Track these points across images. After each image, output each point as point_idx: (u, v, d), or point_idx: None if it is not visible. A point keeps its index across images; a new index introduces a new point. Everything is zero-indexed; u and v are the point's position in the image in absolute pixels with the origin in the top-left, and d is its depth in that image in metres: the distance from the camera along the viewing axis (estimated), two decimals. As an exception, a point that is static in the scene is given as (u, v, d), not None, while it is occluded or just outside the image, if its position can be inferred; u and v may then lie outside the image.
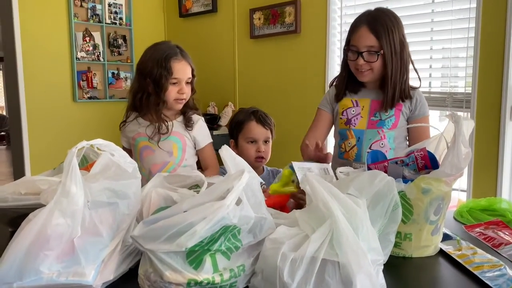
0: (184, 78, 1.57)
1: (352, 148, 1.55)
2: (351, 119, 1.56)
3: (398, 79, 1.45)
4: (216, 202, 0.77)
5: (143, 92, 1.56)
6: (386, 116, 1.51)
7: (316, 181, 0.91)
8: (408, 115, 1.51)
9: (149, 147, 1.62)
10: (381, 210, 0.92)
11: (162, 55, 1.53)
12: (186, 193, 1.07)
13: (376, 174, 0.95)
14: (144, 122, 1.62)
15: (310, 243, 0.81)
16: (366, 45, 1.44)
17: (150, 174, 1.61)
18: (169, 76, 1.52)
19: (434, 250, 1.04)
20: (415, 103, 1.50)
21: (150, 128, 1.60)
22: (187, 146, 1.64)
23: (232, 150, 1.59)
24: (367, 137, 1.51)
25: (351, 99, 1.58)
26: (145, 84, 1.54)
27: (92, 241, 0.87)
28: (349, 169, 1.11)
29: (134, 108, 1.63)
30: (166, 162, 1.61)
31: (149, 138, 1.59)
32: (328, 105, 1.65)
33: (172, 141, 1.61)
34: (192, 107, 1.66)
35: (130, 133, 1.65)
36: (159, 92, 1.53)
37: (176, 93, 1.55)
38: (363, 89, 1.57)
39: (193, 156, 1.69)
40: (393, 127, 1.51)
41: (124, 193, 0.94)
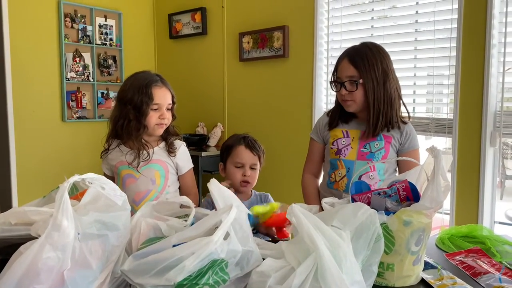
0: (164, 103, 1.59)
1: (342, 179, 1.58)
2: (341, 149, 1.59)
3: (381, 109, 1.50)
4: (204, 238, 0.80)
5: (124, 119, 1.58)
6: (376, 148, 1.55)
7: (301, 213, 0.94)
8: (397, 148, 1.56)
9: (131, 175, 1.63)
10: (364, 241, 0.95)
11: (143, 82, 1.56)
12: (175, 224, 1.09)
13: (359, 206, 0.98)
14: (125, 149, 1.64)
15: (296, 276, 0.84)
16: (347, 76, 1.50)
17: (133, 203, 1.61)
18: (150, 102, 1.55)
19: (416, 280, 1.07)
20: (404, 136, 1.55)
21: (131, 155, 1.62)
22: (169, 173, 1.66)
23: (220, 171, 1.66)
24: (357, 168, 1.55)
25: (342, 130, 1.62)
26: (126, 111, 1.56)
27: (82, 274, 0.88)
28: (334, 200, 1.13)
29: (115, 136, 1.64)
30: (148, 190, 1.63)
31: (128, 164, 1.60)
32: (319, 135, 1.70)
33: (154, 168, 1.63)
34: (173, 133, 1.68)
35: (112, 161, 1.66)
36: (140, 118, 1.55)
37: (157, 118, 1.58)
38: (355, 120, 1.61)
39: (175, 183, 1.70)
40: (383, 159, 1.54)
41: (114, 225, 0.95)
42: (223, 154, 1.66)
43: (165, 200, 1.62)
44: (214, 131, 3.66)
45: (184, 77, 3.87)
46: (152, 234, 1.07)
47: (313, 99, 3.01)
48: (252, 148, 1.62)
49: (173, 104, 1.64)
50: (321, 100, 3.03)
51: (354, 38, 2.81)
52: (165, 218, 1.12)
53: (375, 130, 1.52)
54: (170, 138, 1.67)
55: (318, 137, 1.70)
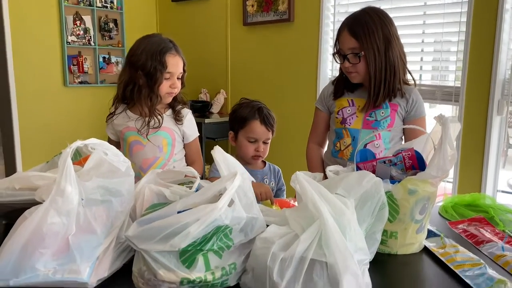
0: (176, 72, 1.56)
1: (347, 148, 1.56)
2: (346, 119, 1.57)
3: (383, 79, 1.46)
4: (209, 205, 0.79)
5: (134, 85, 1.54)
6: (382, 116, 1.52)
7: (305, 180, 0.93)
8: (403, 115, 1.53)
9: (139, 142, 1.61)
10: (369, 209, 0.95)
11: (157, 48, 1.52)
12: (179, 190, 1.09)
13: (364, 174, 0.97)
14: (133, 115, 1.61)
15: (300, 243, 0.84)
16: (349, 48, 1.46)
17: (140, 170, 1.61)
18: (163, 70, 1.51)
19: (419, 247, 1.08)
20: (411, 103, 1.51)
21: (139, 122, 1.59)
22: (176, 141, 1.64)
23: (230, 141, 1.64)
24: (363, 137, 1.52)
25: (347, 99, 1.59)
26: (136, 76, 1.53)
27: (86, 239, 0.88)
28: (339, 168, 1.13)
29: (123, 100, 1.61)
30: (156, 157, 1.62)
31: (138, 131, 1.58)
32: (324, 104, 1.67)
33: (162, 136, 1.61)
34: (181, 101, 1.66)
35: (118, 127, 1.64)
36: (151, 86, 1.52)
37: (168, 87, 1.55)
38: (360, 88, 1.58)
39: (182, 151, 1.69)
40: (388, 127, 1.52)
41: (118, 191, 0.95)
42: (235, 123, 1.61)
43: (172, 168, 1.64)
44: (217, 97, 3.63)
45: (186, 42, 3.79)
46: (156, 200, 1.06)
47: (318, 66, 2.96)
48: (267, 123, 1.57)
49: (184, 73, 1.60)
50: (327, 67, 2.98)
51: (361, 1, 2.72)
52: (169, 185, 1.12)
53: (376, 101, 1.49)
54: (177, 106, 1.65)
55: (323, 107, 1.67)
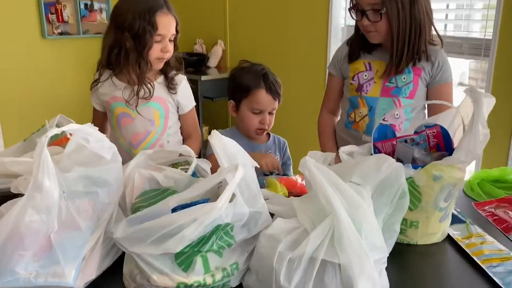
0: (168, 34, 1.48)
1: (362, 118, 1.52)
2: (362, 85, 1.51)
3: (407, 39, 1.39)
4: (207, 204, 0.76)
5: (120, 48, 1.47)
6: (403, 82, 1.46)
7: (315, 167, 0.90)
8: (428, 80, 1.47)
9: (127, 115, 1.56)
10: (387, 199, 0.92)
11: (145, 6, 1.42)
12: (173, 173, 1.07)
13: (383, 159, 0.94)
14: (120, 83, 1.55)
15: (309, 241, 0.82)
16: (368, 3, 1.38)
17: (130, 146, 1.58)
18: (153, 32, 1.43)
19: (442, 236, 1.06)
20: (436, 67, 1.45)
21: (127, 91, 1.54)
22: (169, 113, 1.60)
23: (231, 111, 1.60)
24: (381, 106, 1.48)
25: (363, 62, 1.52)
26: (123, 39, 1.45)
27: (70, 236, 0.86)
28: (353, 148, 1.09)
29: (108, 65, 1.55)
30: (148, 131, 1.58)
31: (126, 102, 1.53)
32: (336, 68, 1.61)
33: (153, 107, 1.56)
34: (174, 66, 1.59)
35: (104, 96, 1.58)
36: (140, 50, 1.45)
37: (159, 51, 1.48)
38: (379, 49, 1.50)
39: (176, 123, 1.65)
40: (410, 95, 1.46)
41: (104, 180, 0.93)
42: (236, 92, 1.55)
43: (166, 143, 1.61)
44: (214, 49, 3.52)
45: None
46: (148, 186, 1.05)
47: (329, 19, 2.82)
48: (273, 92, 1.51)
49: (177, 34, 1.52)
50: (339, 16, 2.86)
51: None
52: (162, 168, 1.10)
53: (399, 66, 1.42)
54: (170, 72, 1.58)
55: (336, 71, 1.61)
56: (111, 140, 1.60)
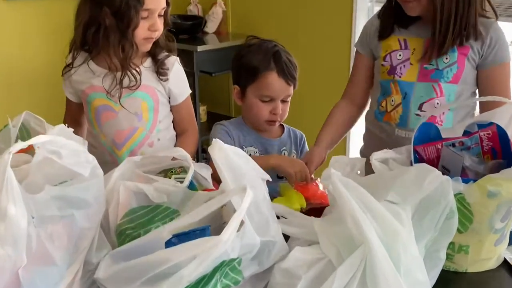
0: (158, 8, 1.45)
1: (395, 108, 1.50)
2: (396, 67, 1.48)
3: (453, 11, 1.35)
4: (209, 238, 0.75)
5: (99, 27, 1.45)
6: (446, 64, 1.43)
7: (342, 183, 0.89)
8: (477, 61, 1.43)
9: (109, 108, 1.55)
10: (431, 220, 0.92)
11: None
12: (165, 185, 1.06)
13: (426, 171, 0.94)
14: (98, 69, 1.53)
15: (336, 278, 0.81)
16: None
17: (114, 145, 1.58)
18: (139, 6, 1.40)
19: (496, 262, 1.06)
20: (488, 44, 1.41)
21: (108, 79, 1.52)
22: (160, 104, 1.59)
23: (235, 98, 1.58)
24: (418, 93, 1.46)
25: (398, 38, 1.49)
26: (101, 15, 1.43)
27: (42, 272, 0.86)
28: (389, 154, 1.08)
29: (82, 46, 1.53)
30: (134, 128, 1.57)
31: (106, 92, 1.51)
32: (365, 44, 1.58)
33: (140, 98, 1.55)
34: (164, 46, 1.57)
35: (79, 85, 1.57)
36: (123, 29, 1.42)
37: (147, 30, 1.45)
38: (417, 23, 1.47)
39: (168, 116, 1.65)
40: (454, 79, 1.43)
41: (82, 200, 0.91)
42: (241, 75, 1.53)
43: (157, 141, 1.60)
44: (213, 11, 3.47)
45: None
46: (135, 202, 1.05)
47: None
48: (287, 75, 1.48)
49: (168, 7, 1.50)
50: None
51: None
52: (152, 178, 1.09)
53: (443, 46, 1.39)
54: (159, 53, 1.57)
55: (364, 48, 1.58)
56: (89, 138, 1.62)
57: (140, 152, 1.58)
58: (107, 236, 0.99)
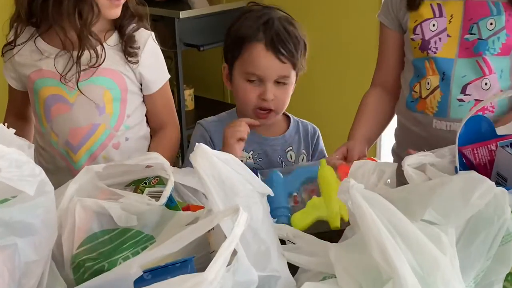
0: None
1: (432, 93, 1.52)
2: (429, 41, 1.51)
3: None
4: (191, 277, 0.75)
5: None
6: (490, 31, 1.45)
7: (364, 198, 0.89)
8: None
9: (62, 99, 1.57)
10: (482, 246, 0.93)
11: None
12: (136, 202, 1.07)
13: (474, 182, 0.94)
14: (49, 48, 1.55)
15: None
16: None
17: (68, 147, 1.59)
18: None
19: None
20: None
21: (62, 60, 1.53)
22: (128, 93, 1.60)
23: (225, 81, 1.60)
24: (459, 72, 1.48)
25: (431, 3, 1.51)
26: None
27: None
28: (427, 158, 1.09)
29: (28, 19, 1.53)
30: (94, 125, 1.58)
31: (59, 77, 1.53)
32: (391, 14, 1.61)
33: (102, 85, 1.57)
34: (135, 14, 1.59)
35: (23, 68, 1.58)
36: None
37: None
38: None
39: (140, 109, 1.67)
40: (504, 51, 1.46)
41: (26, 225, 0.92)
42: (228, 48, 1.55)
43: (125, 141, 1.62)
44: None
45: None
46: (97, 226, 1.07)
47: None
48: (278, 49, 1.49)
49: None
50: None
51: None
52: (118, 193, 1.11)
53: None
54: (128, 26, 1.58)
55: (391, 20, 1.61)
56: (37, 138, 1.63)
57: (102, 156, 1.59)
58: (61, 270, 1.00)
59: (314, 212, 1.24)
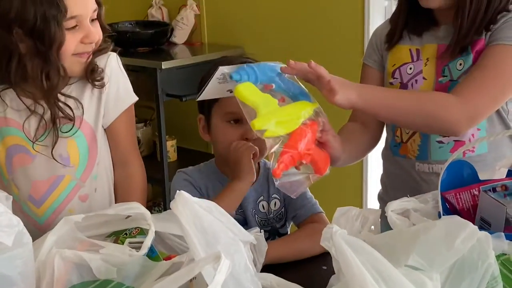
0: (88, 12, 1.45)
1: (412, 136, 1.54)
2: (407, 84, 1.54)
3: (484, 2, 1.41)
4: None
5: (10, 56, 1.42)
6: (460, 71, 1.47)
7: (348, 245, 0.90)
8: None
9: (23, 149, 1.53)
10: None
11: None
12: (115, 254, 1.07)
13: (458, 226, 0.94)
14: (15, 98, 1.50)
15: None
16: None
17: (30, 202, 1.55)
18: (61, 16, 1.38)
19: None
20: (499, 25, 1.44)
21: (33, 120, 1.49)
22: (97, 136, 1.57)
23: (202, 133, 1.60)
24: None
25: (409, 48, 1.56)
26: (11, 40, 1.40)
27: None
28: (409, 204, 1.11)
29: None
30: (58, 177, 1.55)
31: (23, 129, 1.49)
32: (376, 56, 1.64)
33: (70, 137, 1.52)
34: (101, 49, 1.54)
35: None
36: (45, 52, 1.40)
37: (79, 43, 1.44)
38: (432, 29, 1.54)
39: (107, 149, 1.62)
40: None
41: (4, 278, 0.93)
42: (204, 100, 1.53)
43: (94, 191, 1.58)
44: (182, 16, 3.51)
45: None
46: (76, 277, 1.06)
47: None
48: None
49: (99, 8, 1.50)
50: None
51: None
52: (98, 244, 1.10)
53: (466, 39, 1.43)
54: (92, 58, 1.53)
55: (375, 60, 1.63)
56: None
57: (68, 209, 1.55)
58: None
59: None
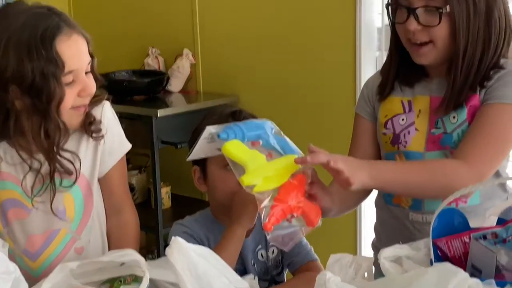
0: (83, 66, 1.45)
1: None
2: (399, 135, 1.55)
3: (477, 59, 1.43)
4: None
5: (8, 114, 1.42)
6: (454, 124, 1.48)
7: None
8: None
9: (19, 204, 1.52)
10: None
11: (33, 34, 1.36)
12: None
13: (448, 273, 0.95)
14: (12, 153, 1.49)
15: None
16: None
17: (26, 255, 1.53)
18: (60, 72, 1.38)
19: None
20: (492, 83, 1.45)
21: (29, 175, 1.48)
22: (93, 189, 1.56)
23: (198, 185, 1.62)
24: None
25: (401, 100, 1.56)
26: (7, 98, 1.39)
27: None
28: (402, 251, 1.11)
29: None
30: (54, 230, 1.54)
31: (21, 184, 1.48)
32: (368, 107, 1.65)
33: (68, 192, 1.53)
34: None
35: None
36: (44, 108, 1.39)
37: (76, 96, 1.44)
38: (424, 80, 1.55)
39: (101, 200, 1.62)
40: None
41: None
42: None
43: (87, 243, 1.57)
44: (178, 65, 3.53)
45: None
46: None
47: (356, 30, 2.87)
48: None
49: (92, 60, 1.49)
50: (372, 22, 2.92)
51: None
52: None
53: (460, 96, 1.45)
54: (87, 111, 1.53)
55: (366, 111, 1.64)
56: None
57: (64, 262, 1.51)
58: None
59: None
